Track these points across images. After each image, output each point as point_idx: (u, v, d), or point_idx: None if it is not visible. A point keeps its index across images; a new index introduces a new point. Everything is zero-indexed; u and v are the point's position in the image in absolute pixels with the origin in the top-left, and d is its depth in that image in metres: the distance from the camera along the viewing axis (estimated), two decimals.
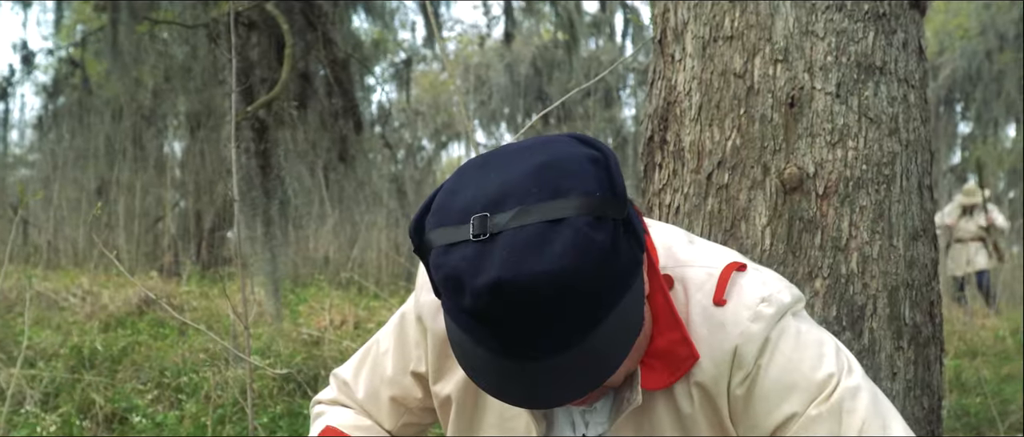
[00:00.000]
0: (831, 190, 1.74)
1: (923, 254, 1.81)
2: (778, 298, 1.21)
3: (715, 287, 1.22)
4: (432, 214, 1.07)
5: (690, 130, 1.88)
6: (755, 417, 1.20)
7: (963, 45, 14.74)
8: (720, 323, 1.19)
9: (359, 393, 1.48)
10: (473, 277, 0.98)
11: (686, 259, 1.26)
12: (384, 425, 1.48)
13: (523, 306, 0.97)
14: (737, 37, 1.82)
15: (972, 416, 4.51)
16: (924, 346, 1.80)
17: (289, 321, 6.26)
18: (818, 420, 1.16)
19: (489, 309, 0.98)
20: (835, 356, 1.21)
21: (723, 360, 1.19)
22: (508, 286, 0.97)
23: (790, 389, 1.18)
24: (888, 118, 1.77)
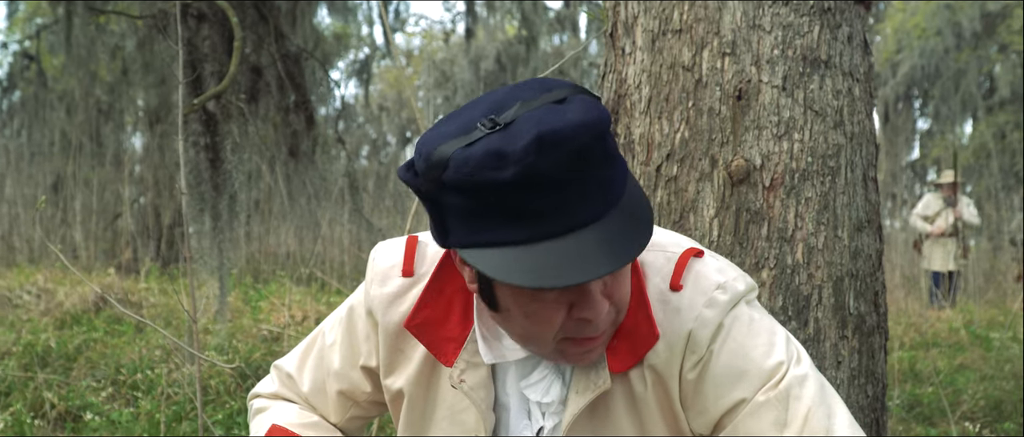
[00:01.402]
0: (777, 182, 1.76)
1: (868, 245, 1.84)
2: (733, 286, 1.23)
3: (672, 272, 1.24)
4: (429, 141, 1.08)
5: (640, 123, 1.89)
6: (705, 401, 1.21)
7: (921, 43, 14.96)
8: (676, 308, 1.21)
9: (304, 386, 1.46)
10: (511, 144, 1.01)
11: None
12: (330, 419, 1.46)
13: (569, 154, 1.01)
14: (686, 30, 1.84)
15: (925, 406, 4.59)
16: (868, 335, 1.83)
17: (249, 317, 6.22)
18: (766, 406, 1.18)
19: (538, 165, 1.00)
20: (785, 345, 1.23)
21: (677, 344, 1.21)
22: (549, 137, 1.00)
23: (740, 375, 1.20)
24: (833, 111, 1.79)
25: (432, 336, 1.27)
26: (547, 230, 1.03)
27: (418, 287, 1.32)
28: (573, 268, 1.03)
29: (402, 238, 1.39)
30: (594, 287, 1.11)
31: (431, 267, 1.32)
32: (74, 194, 10.53)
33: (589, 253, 1.03)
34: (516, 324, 1.16)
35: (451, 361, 1.27)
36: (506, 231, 1.04)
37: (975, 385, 4.85)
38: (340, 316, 1.45)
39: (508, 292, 1.13)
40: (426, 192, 1.08)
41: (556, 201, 1.03)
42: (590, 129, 1.02)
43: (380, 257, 1.37)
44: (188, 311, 2.02)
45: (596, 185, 1.05)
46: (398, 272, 1.34)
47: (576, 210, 1.04)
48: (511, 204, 1.03)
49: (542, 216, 1.03)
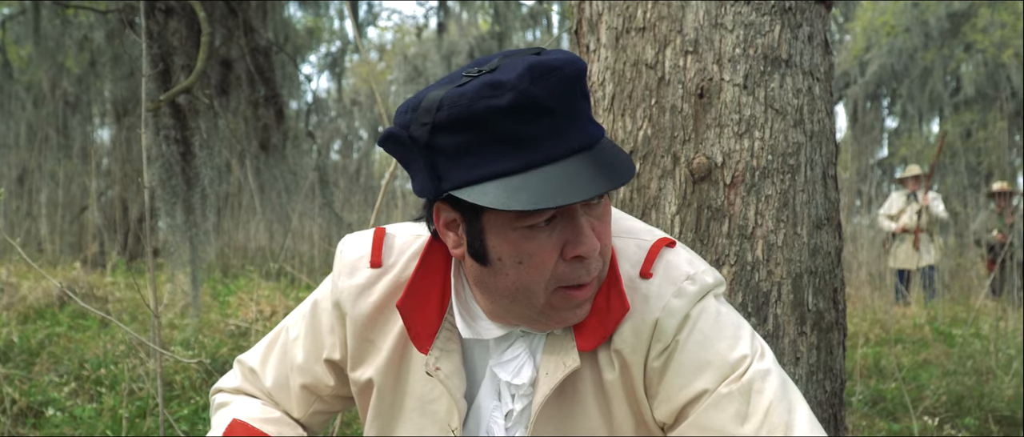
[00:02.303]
0: (738, 179, 1.78)
1: (827, 242, 1.86)
2: (702, 278, 1.25)
3: (643, 259, 1.26)
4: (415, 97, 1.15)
5: (604, 120, 1.90)
6: (669, 390, 1.23)
7: (890, 41, 15.12)
8: (644, 295, 1.23)
9: (267, 381, 1.47)
10: (505, 75, 1.08)
11: (620, 230, 1.30)
12: (293, 414, 1.47)
13: (561, 81, 1.08)
14: (649, 28, 1.85)
15: (888, 402, 4.64)
16: (827, 331, 1.85)
17: (217, 312, 6.17)
18: (728, 398, 1.20)
19: (532, 91, 1.07)
20: (750, 340, 1.25)
21: (644, 331, 1.22)
22: (540, 66, 1.08)
23: (704, 366, 1.21)
24: (793, 109, 1.81)
25: (414, 320, 1.28)
26: (542, 157, 1.09)
27: (387, 278, 1.33)
28: (571, 189, 1.08)
29: (369, 231, 1.40)
30: (585, 222, 1.15)
31: (399, 258, 1.34)
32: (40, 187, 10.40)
33: (583, 176, 1.09)
34: (508, 277, 1.18)
35: (426, 348, 1.28)
36: (502, 162, 1.09)
37: (937, 381, 4.92)
38: (304, 311, 1.45)
39: (501, 239, 1.15)
40: (416, 139, 1.12)
41: (549, 127, 1.09)
42: (570, 65, 1.10)
43: (348, 249, 1.38)
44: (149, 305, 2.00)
45: (584, 117, 1.13)
46: (366, 263, 1.35)
47: (568, 137, 1.10)
48: (507, 132, 1.08)
49: (536, 143, 1.09)
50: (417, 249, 1.33)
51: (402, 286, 1.31)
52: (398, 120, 1.16)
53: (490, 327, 1.27)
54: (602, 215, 1.19)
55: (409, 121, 1.14)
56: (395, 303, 1.30)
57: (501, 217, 1.14)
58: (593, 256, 1.16)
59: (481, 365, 1.33)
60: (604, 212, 1.19)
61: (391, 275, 1.33)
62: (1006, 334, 6.33)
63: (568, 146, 1.10)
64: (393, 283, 1.32)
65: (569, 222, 1.15)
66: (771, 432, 1.17)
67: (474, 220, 1.17)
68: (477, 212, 1.15)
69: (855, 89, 16.48)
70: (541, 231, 1.14)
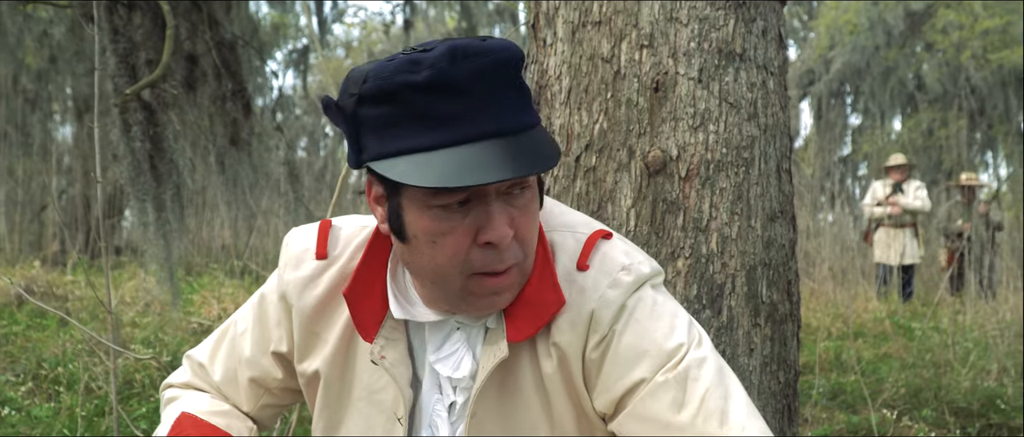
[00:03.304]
0: (693, 173, 1.79)
1: (781, 235, 1.88)
2: (638, 268, 1.26)
3: (580, 252, 1.26)
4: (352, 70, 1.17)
5: (560, 113, 1.90)
6: (607, 381, 1.23)
7: (853, 40, 15.29)
8: (581, 287, 1.24)
9: (216, 375, 1.46)
10: (427, 53, 1.10)
11: (558, 224, 1.31)
12: (243, 407, 1.46)
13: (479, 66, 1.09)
14: (605, 22, 1.86)
15: (848, 394, 4.70)
16: (781, 323, 1.87)
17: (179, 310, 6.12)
18: (664, 386, 1.20)
19: (449, 71, 1.09)
20: (687, 328, 1.25)
21: (580, 323, 1.23)
22: (461, 49, 1.10)
23: (641, 356, 1.22)
24: (747, 103, 1.83)
25: (360, 309, 1.28)
26: (453, 136, 1.10)
27: (332, 269, 1.33)
28: (473, 172, 1.08)
29: (315, 223, 1.40)
30: (497, 210, 1.15)
31: (345, 249, 1.34)
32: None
33: (491, 160, 1.09)
34: (424, 256, 1.18)
35: (371, 337, 1.28)
36: (416, 138, 1.10)
37: (897, 373, 4.99)
38: (251, 304, 1.45)
39: (416, 216, 1.16)
40: (343, 109, 1.15)
41: (464, 109, 1.10)
42: (501, 52, 1.11)
43: (294, 242, 1.38)
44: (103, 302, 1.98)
45: (507, 105, 1.13)
46: (312, 255, 1.35)
47: (483, 121, 1.11)
48: (421, 108, 1.10)
49: (450, 122, 1.10)
50: (363, 240, 1.33)
51: (348, 277, 1.31)
52: (340, 89, 1.19)
53: (425, 312, 1.28)
54: (524, 206, 1.18)
55: (342, 91, 1.17)
56: (341, 293, 1.30)
57: (417, 194, 1.15)
58: (504, 244, 1.16)
59: (424, 357, 1.33)
60: (527, 202, 1.19)
61: (337, 267, 1.33)
62: (964, 328, 6.43)
63: (481, 130, 1.10)
64: (339, 275, 1.32)
65: (483, 207, 1.15)
66: (707, 419, 1.18)
67: (393, 195, 1.18)
68: (396, 187, 1.17)
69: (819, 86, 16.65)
70: (454, 213, 1.15)
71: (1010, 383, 4.94)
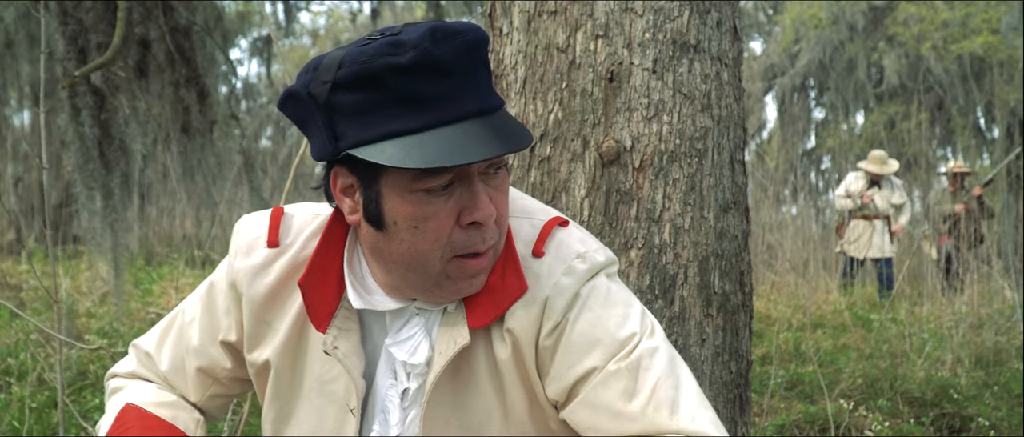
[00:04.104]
0: (647, 163, 1.80)
1: (733, 226, 1.89)
2: (592, 257, 1.26)
3: (536, 238, 1.26)
4: (315, 58, 1.16)
5: (516, 103, 1.90)
6: (559, 368, 1.23)
7: (817, 34, 15.43)
8: (535, 274, 1.24)
9: (163, 365, 1.43)
10: (408, 36, 1.09)
11: (516, 210, 1.31)
12: (190, 398, 1.44)
13: (462, 44, 1.10)
14: (561, 12, 1.85)
15: (806, 385, 4.76)
16: (733, 313, 1.88)
17: (138, 300, 6.04)
18: (616, 375, 1.21)
19: (433, 51, 1.09)
20: (640, 318, 1.25)
21: (534, 310, 1.23)
22: (443, 29, 1.09)
23: (594, 344, 1.22)
24: (701, 94, 1.83)
25: (314, 298, 1.26)
26: (439, 117, 1.10)
27: (284, 258, 1.31)
28: (467, 150, 1.09)
29: (267, 210, 1.38)
30: (482, 189, 1.16)
31: (297, 237, 1.32)
32: None
33: (480, 139, 1.10)
34: (403, 243, 1.18)
35: (324, 327, 1.27)
36: (401, 121, 1.10)
37: (854, 364, 5.05)
38: (200, 293, 1.43)
39: (398, 202, 1.15)
40: (316, 98, 1.13)
41: (448, 89, 1.10)
42: (475, 30, 1.13)
43: (244, 229, 1.36)
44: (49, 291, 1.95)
45: (484, 83, 1.14)
46: (263, 243, 1.33)
47: (467, 100, 1.11)
48: (406, 90, 1.09)
49: (434, 104, 1.10)
50: (316, 228, 1.32)
51: (300, 266, 1.29)
52: (299, 80, 1.16)
53: (385, 300, 1.27)
54: (499, 186, 1.20)
55: (310, 80, 1.14)
56: (294, 282, 1.28)
57: (399, 179, 1.14)
58: (489, 223, 1.17)
59: (379, 344, 1.32)
60: (502, 183, 1.20)
61: (289, 255, 1.31)
62: (921, 319, 6.53)
63: (466, 109, 1.11)
64: (291, 263, 1.31)
65: (466, 188, 1.15)
66: (657, 408, 1.18)
67: (372, 182, 1.16)
68: (375, 174, 1.15)
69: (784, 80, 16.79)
70: (438, 196, 1.14)
71: (964, 373, 5.02)
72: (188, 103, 4.41)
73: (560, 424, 1.28)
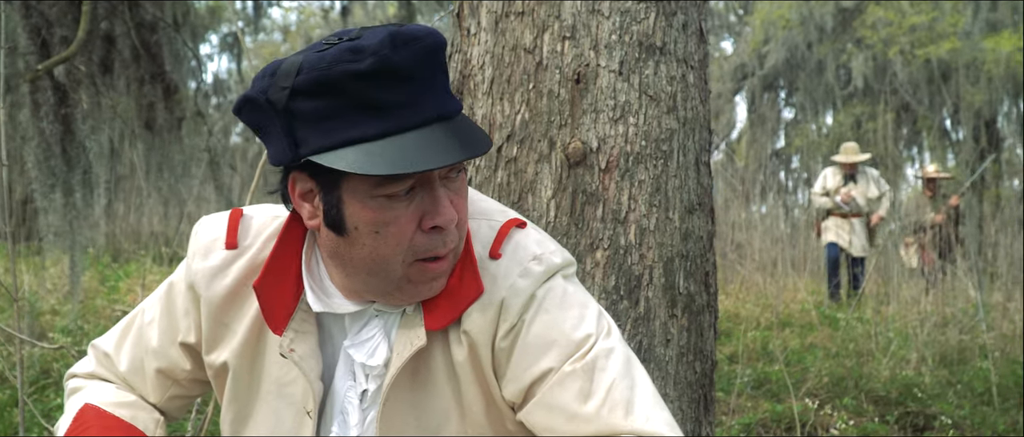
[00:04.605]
0: (613, 164, 1.80)
1: (699, 227, 1.90)
2: (549, 258, 1.26)
3: (493, 240, 1.26)
4: (272, 63, 1.15)
5: (483, 103, 1.90)
6: (516, 370, 1.24)
7: (785, 35, 15.56)
8: (492, 275, 1.24)
9: (122, 365, 1.43)
10: (367, 42, 1.09)
11: (474, 211, 1.31)
12: (149, 399, 1.43)
13: (421, 50, 1.10)
14: (528, 13, 1.85)
15: (773, 383, 4.80)
16: (698, 314, 1.89)
17: (104, 298, 5.98)
18: (571, 376, 1.21)
19: (392, 57, 1.08)
20: (596, 319, 1.26)
21: (491, 311, 1.23)
22: (402, 34, 1.09)
23: (550, 346, 1.23)
24: (667, 96, 1.84)
25: (270, 301, 1.26)
26: (400, 124, 1.10)
27: (242, 260, 1.31)
28: (428, 156, 1.09)
29: (225, 212, 1.37)
30: (443, 193, 1.16)
31: (256, 239, 1.32)
32: None
33: (441, 145, 1.10)
34: (365, 247, 1.18)
35: (281, 330, 1.26)
36: (361, 127, 1.10)
37: (821, 363, 5.10)
38: (159, 294, 1.42)
39: (359, 207, 1.15)
40: (274, 104, 1.12)
41: (408, 95, 1.10)
42: (434, 35, 1.12)
43: (203, 231, 1.36)
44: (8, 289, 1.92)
45: (442, 88, 1.14)
46: (221, 245, 1.33)
47: (426, 105, 1.12)
48: (366, 97, 1.09)
49: (395, 109, 1.10)
50: (275, 230, 1.31)
51: (258, 268, 1.29)
52: (255, 85, 1.15)
53: (344, 303, 1.27)
54: (459, 189, 1.20)
55: (267, 86, 1.13)
56: (251, 284, 1.27)
57: (360, 185, 1.14)
58: (450, 227, 1.17)
59: (338, 346, 1.32)
60: (461, 186, 1.20)
61: (247, 257, 1.31)
62: (887, 318, 6.61)
63: (426, 114, 1.12)
64: (249, 265, 1.30)
65: (428, 192, 1.16)
66: (612, 409, 1.19)
67: (332, 188, 1.16)
68: (335, 179, 1.15)
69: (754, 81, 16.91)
70: (400, 201, 1.14)
71: (928, 372, 5.09)
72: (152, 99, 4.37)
73: (517, 425, 1.28)
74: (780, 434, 4.20)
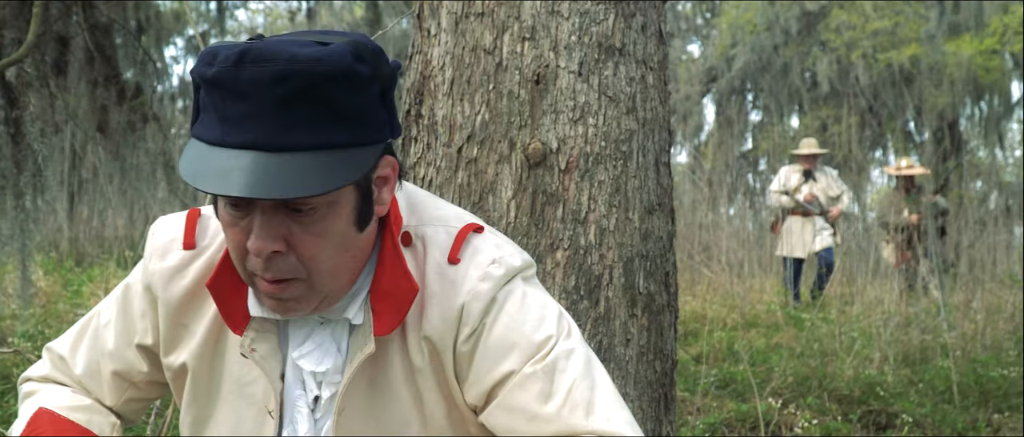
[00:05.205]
0: (572, 165, 1.81)
1: (659, 227, 1.92)
2: (508, 261, 1.26)
3: (451, 245, 1.26)
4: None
5: (443, 104, 1.90)
6: (477, 373, 1.24)
7: (752, 38, 15.69)
8: (451, 281, 1.24)
9: (77, 369, 1.41)
10: (229, 49, 1.07)
11: (429, 218, 1.30)
12: (106, 401, 1.41)
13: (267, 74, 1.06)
14: (488, 14, 1.86)
15: (738, 383, 4.84)
16: (658, 314, 1.90)
17: (66, 302, 5.91)
18: (532, 378, 1.21)
19: (234, 72, 1.06)
20: (557, 320, 1.26)
21: (451, 316, 1.23)
22: (255, 53, 1.06)
23: (511, 348, 1.23)
24: (626, 97, 1.86)
25: (228, 301, 1.25)
26: (221, 136, 1.09)
27: (200, 260, 1.30)
28: (214, 177, 1.07)
29: (183, 212, 1.37)
30: (262, 222, 1.12)
31: (214, 239, 1.31)
32: None
33: (240, 172, 1.07)
34: (227, 243, 1.19)
35: (241, 330, 1.26)
36: (203, 128, 1.11)
37: (786, 363, 5.15)
38: (116, 295, 1.41)
39: (221, 203, 1.17)
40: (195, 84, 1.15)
41: (238, 112, 1.08)
42: (305, 64, 1.06)
43: (160, 231, 1.35)
44: None
45: (288, 120, 1.08)
46: (179, 245, 1.32)
47: (250, 128, 1.08)
48: (209, 101, 1.10)
49: (224, 122, 1.09)
50: None
51: (214, 268, 1.28)
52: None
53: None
54: (310, 225, 1.14)
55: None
56: None
57: None
58: (260, 256, 1.13)
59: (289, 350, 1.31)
60: (314, 223, 1.14)
61: (205, 257, 1.30)
62: (851, 318, 6.68)
63: (243, 138, 1.08)
64: (207, 265, 1.29)
65: (255, 214, 1.13)
66: (573, 410, 1.19)
67: None
68: None
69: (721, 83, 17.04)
70: (235, 210, 1.14)
71: (890, 370, 5.16)
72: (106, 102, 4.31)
73: (479, 428, 1.28)
74: (744, 433, 4.23)
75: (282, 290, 1.17)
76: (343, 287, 1.22)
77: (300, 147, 1.09)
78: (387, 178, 1.22)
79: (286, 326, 1.30)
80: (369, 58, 1.12)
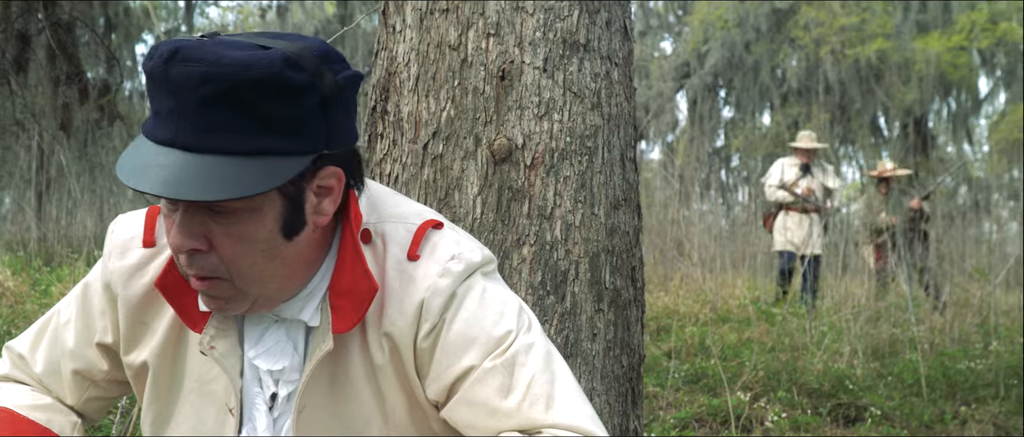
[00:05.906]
0: (538, 161, 1.82)
1: (624, 222, 1.93)
2: (467, 256, 1.26)
3: (410, 242, 1.26)
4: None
5: (409, 100, 1.90)
6: (438, 369, 1.24)
7: (723, 35, 15.79)
8: (411, 277, 1.23)
9: (37, 367, 1.40)
10: (167, 45, 1.08)
11: (389, 215, 1.30)
12: (67, 400, 1.40)
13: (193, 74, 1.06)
14: (452, 10, 1.86)
15: (710, 378, 4.87)
16: (624, 308, 1.91)
17: (34, 302, 5.84)
18: (492, 372, 1.22)
19: (165, 68, 1.07)
20: (517, 315, 1.26)
21: (411, 312, 1.23)
22: (185, 51, 1.07)
23: (471, 343, 1.23)
24: (591, 93, 1.86)
25: (181, 299, 1.24)
26: (151, 131, 1.11)
27: (160, 258, 1.29)
28: (135, 172, 1.09)
29: (143, 210, 1.36)
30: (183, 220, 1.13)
31: None
32: None
33: (158, 169, 1.08)
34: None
35: (200, 327, 1.25)
36: (147, 121, 1.13)
37: (756, 357, 5.19)
38: (75, 294, 1.40)
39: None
40: None
41: (167, 108, 1.09)
42: (231, 67, 1.07)
43: (119, 229, 1.34)
44: None
45: (211, 121, 1.08)
46: (138, 243, 1.31)
47: (172, 126, 1.09)
48: (150, 93, 1.12)
49: (155, 116, 1.11)
50: None
51: None
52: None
53: None
54: (229, 227, 1.14)
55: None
56: None
57: None
58: (180, 252, 1.15)
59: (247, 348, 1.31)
60: (233, 225, 1.14)
61: (165, 255, 1.29)
62: (821, 312, 6.75)
63: (165, 135, 1.09)
64: (166, 263, 1.28)
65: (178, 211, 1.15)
66: (533, 404, 1.20)
67: None
68: None
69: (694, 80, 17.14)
70: (167, 206, 1.16)
71: (860, 365, 5.21)
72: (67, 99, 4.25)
73: (442, 425, 1.28)
74: (715, 428, 4.26)
75: (209, 288, 1.18)
76: (280, 291, 1.21)
77: (219, 150, 1.08)
78: (330, 188, 1.20)
79: (243, 323, 1.29)
80: (309, 67, 1.11)
